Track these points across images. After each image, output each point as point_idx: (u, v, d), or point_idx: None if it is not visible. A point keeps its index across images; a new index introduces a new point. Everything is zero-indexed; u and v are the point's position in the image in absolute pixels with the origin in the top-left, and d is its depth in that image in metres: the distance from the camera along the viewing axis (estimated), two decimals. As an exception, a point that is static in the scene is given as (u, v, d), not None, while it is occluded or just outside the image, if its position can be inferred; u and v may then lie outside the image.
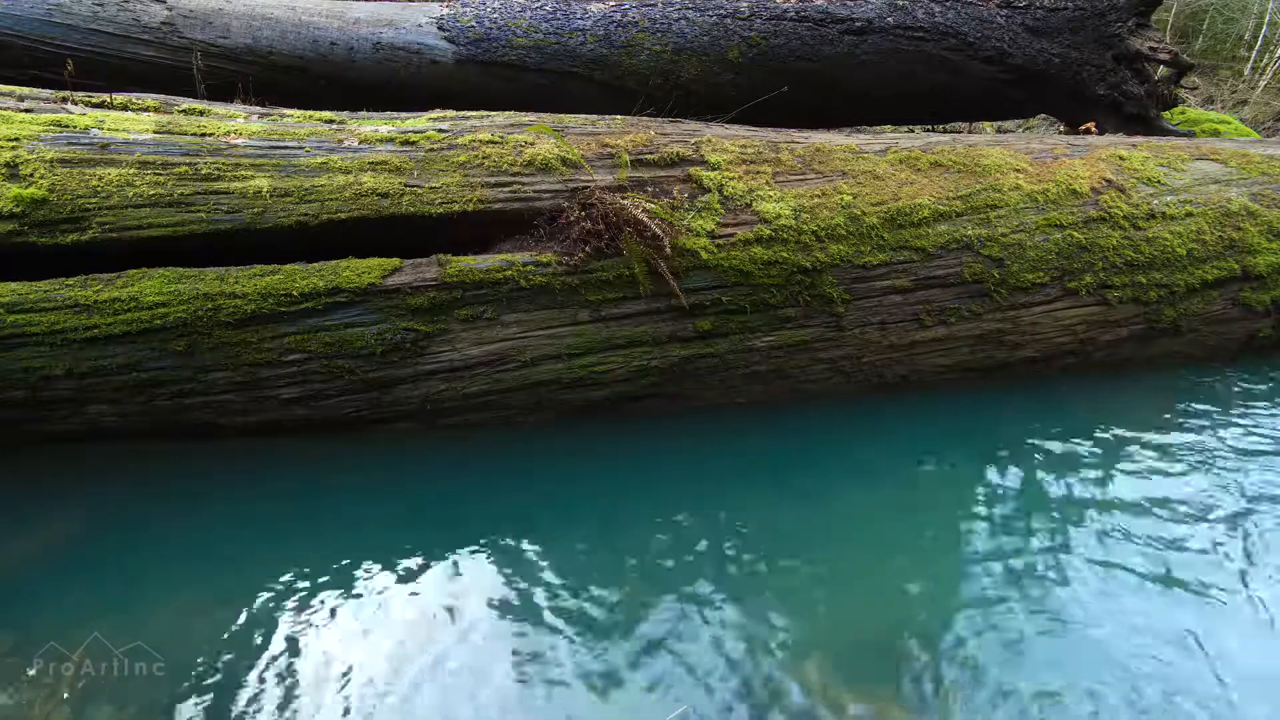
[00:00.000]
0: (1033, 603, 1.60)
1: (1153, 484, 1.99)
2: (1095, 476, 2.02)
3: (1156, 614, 1.58)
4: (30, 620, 1.52)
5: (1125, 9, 3.45)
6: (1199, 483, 2.00)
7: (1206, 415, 2.33)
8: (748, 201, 2.17)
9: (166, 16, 3.12)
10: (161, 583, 1.65)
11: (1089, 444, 2.16)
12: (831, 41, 3.38)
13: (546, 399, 2.13)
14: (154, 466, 2.01)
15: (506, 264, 2.00)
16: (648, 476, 2.05)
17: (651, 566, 1.69)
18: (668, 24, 3.37)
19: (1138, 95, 3.49)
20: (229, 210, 1.92)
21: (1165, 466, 2.07)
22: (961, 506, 1.92)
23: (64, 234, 1.83)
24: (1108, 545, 1.77)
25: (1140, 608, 1.59)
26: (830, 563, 1.72)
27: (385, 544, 1.75)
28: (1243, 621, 1.57)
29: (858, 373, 2.32)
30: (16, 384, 1.82)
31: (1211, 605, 1.60)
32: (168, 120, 2.05)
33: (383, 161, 2.05)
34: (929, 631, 1.52)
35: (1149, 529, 1.82)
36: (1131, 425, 2.27)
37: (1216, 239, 2.50)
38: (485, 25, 3.32)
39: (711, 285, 2.11)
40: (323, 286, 1.91)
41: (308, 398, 1.98)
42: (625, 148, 2.20)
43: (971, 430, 2.25)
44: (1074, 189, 2.43)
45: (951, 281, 2.28)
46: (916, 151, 2.42)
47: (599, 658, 1.45)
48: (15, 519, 1.82)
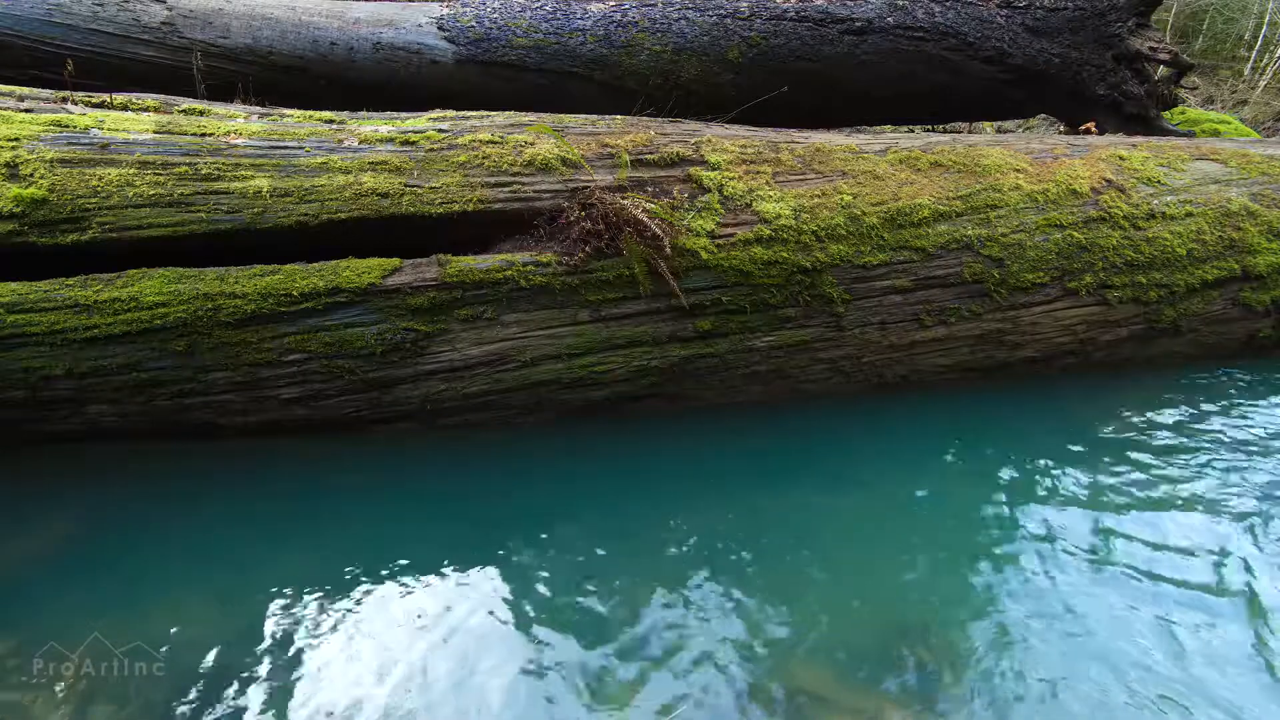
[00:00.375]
0: (1033, 602, 1.60)
1: (1153, 483, 1.99)
2: (1095, 476, 2.02)
3: (1157, 614, 1.57)
4: (30, 620, 1.52)
5: (1125, 9, 3.45)
6: (1200, 482, 2.00)
7: (1207, 415, 2.33)
8: (748, 201, 2.17)
9: (166, 16, 3.12)
10: (161, 583, 1.65)
11: (1089, 444, 2.16)
12: (831, 41, 3.38)
13: (546, 399, 2.13)
14: (154, 466, 2.01)
15: (506, 264, 2.00)
16: (648, 476, 2.05)
17: (651, 566, 1.69)
18: (668, 24, 3.37)
19: (1138, 95, 3.49)
20: (229, 210, 1.92)
21: (1166, 466, 2.07)
22: (962, 506, 1.92)
23: (64, 234, 1.83)
24: (1108, 545, 1.77)
25: (1141, 608, 1.59)
26: (830, 562, 1.72)
27: (385, 544, 1.75)
28: (1244, 621, 1.56)
29: (858, 373, 2.32)
30: (16, 384, 1.82)
31: (1212, 605, 1.60)
32: (168, 120, 2.05)
33: (383, 161, 2.05)
34: (928, 631, 1.52)
35: (1150, 528, 1.82)
36: (1131, 425, 2.27)
37: (1216, 239, 2.50)
38: (485, 25, 3.32)
39: (711, 285, 2.11)
40: (323, 286, 1.91)
41: (308, 398, 1.98)
42: (625, 148, 2.20)
43: (972, 430, 2.25)
44: (1074, 189, 2.43)
45: (951, 281, 2.28)
46: (916, 151, 2.42)
47: (598, 658, 1.45)
48: (15, 519, 1.82)
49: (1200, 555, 1.74)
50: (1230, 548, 1.77)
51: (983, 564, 1.71)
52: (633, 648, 1.47)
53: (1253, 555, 1.75)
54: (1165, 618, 1.56)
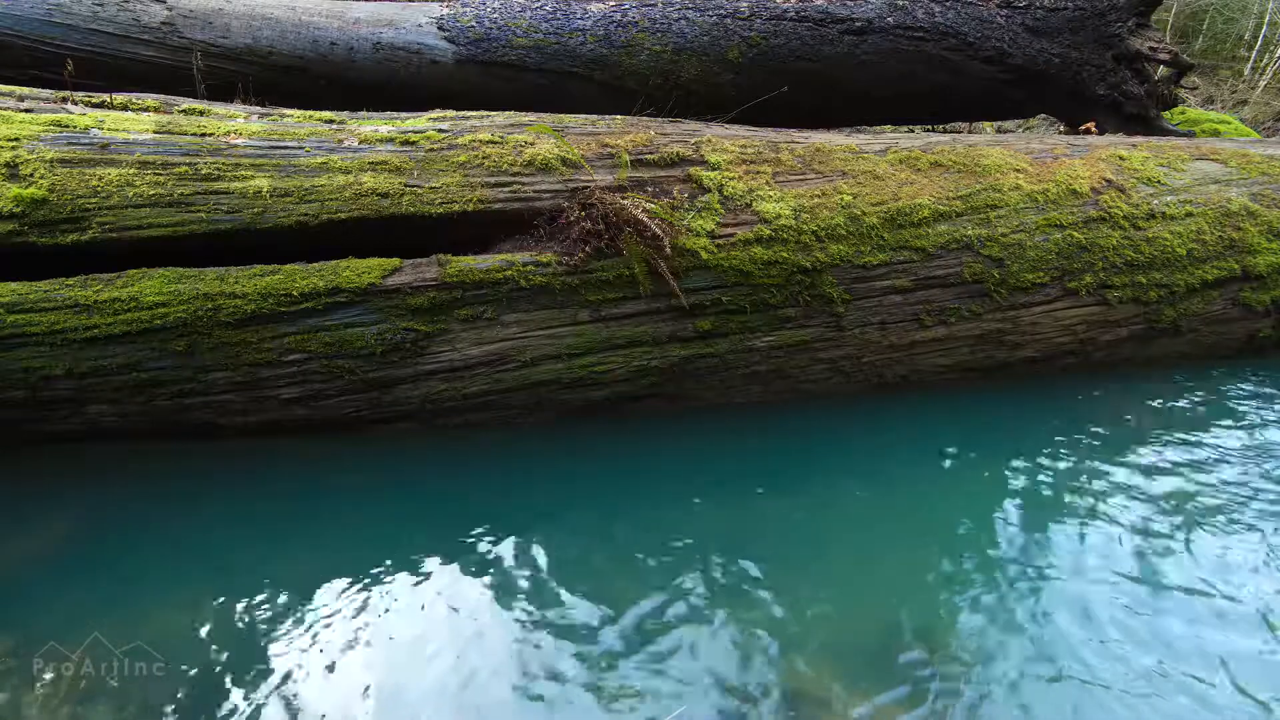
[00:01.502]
0: (1034, 602, 1.60)
1: (1154, 483, 1.99)
2: (1095, 476, 2.02)
3: (1158, 613, 1.57)
4: (30, 620, 1.52)
5: (1125, 9, 3.45)
6: (1200, 482, 2.00)
7: (1207, 415, 2.33)
8: (748, 201, 2.17)
9: (166, 16, 3.12)
10: (161, 583, 1.65)
11: (1089, 444, 2.16)
12: (831, 41, 3.38)
13: (546, 399, 2.13)
14: (154, 466, 2.01)
15: (506, 264, 2.00)
16: (648, 476, 2.05)
17: (651, 567, 1.69)
18: (668, 24, 3.37)
19: (1138, 95, 3.49)
20: (229, 210, 1.92)
21: (1166, 466, 2.07)
22: (961, 506, 1.92)
23: (64, 234, 1.83)
24: (1109, 545, 1.77)
25: (1141, 607, 1.59)
26: (830, 562, 1.72)
27: (385, 544, 1.75)
28: (1244, 620, 1.56)
29: (858, 373, 2.32)
30: (16, 384, 1.82)
31: (1213, 604, 1.60)
32: (168, 120, 2.05)
33: (383, 161, 2.05)
34: (928, 631, 1.52)
35: (1151, 528, 1.82)
36: (1132, 425, 2.27)
37: (1216, 239, 2.50)
38: (485, 25, 3.32)
39: (711, 285, 2.11)
40: (323, 286, 1.91)
41: (308, 398, 1.98)
42: (625, 148, 2.20)
43: (972, 430, 2.25)
44: (1074, 189, 2.43)
45: (951, 281, 2.28)
46: (916, 151, 2.42)
47: (597, 657, 1.45)
48: (15, 519, 1.82)
49: (1200, 555, 1.74)
50: (1231, 547, 1.77)
51: (983, 564, 1.71)
52: (632, 648, 1.47)
53: (1254, 555, 1.75)
54: (1166, 617, 1.56)
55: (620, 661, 1.44)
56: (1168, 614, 1.57)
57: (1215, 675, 1.43)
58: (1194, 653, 1.48)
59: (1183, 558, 1.73)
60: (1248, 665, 1.46)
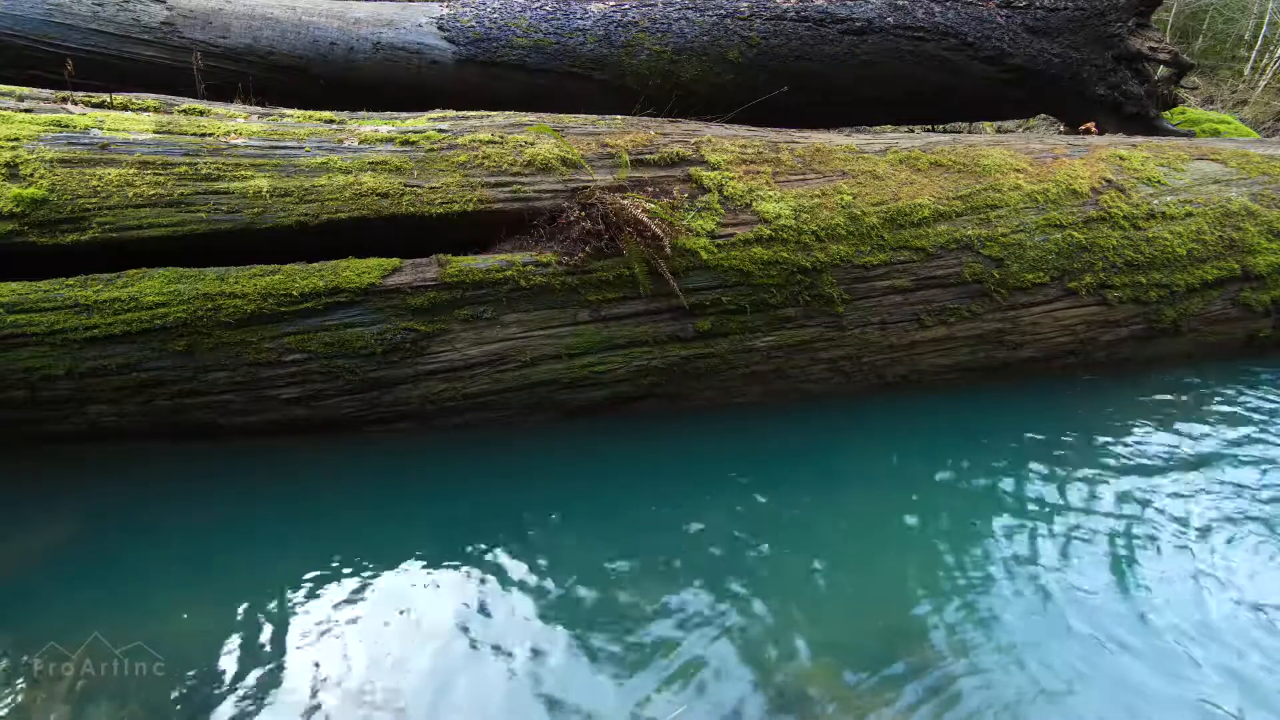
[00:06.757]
0: (1035, 602, 1.60)
1: (1154, 484, 1.99)
2: (1096, 476, 2.02)
3: (1158, 613, 1.57)
4: (30, 620, 1.52)
5: (1125, 9, 3.45)
6: (1200, 482, 2.00)
7: (1207, 415, 2.33)
8: (748, 201, 2.17)
9: (166, 16, 3.12)
10: (162, 583, 1.65)
11: (1090, 444, 2.16)
12: (831, 41, 3.38)
13: (546, 399, 2.13)
14: (154, 466, 2.01)
15: (506, 264, 2.00)
16: (648, 476, 2.05)
17: (651, 566, 1.69)
18: (668, 24, 3.37)
19: (1138, 95, 3.49)
20: (229, 210, 1.92)
21: (1166, 465, 2.07)
22: (962, 506, 1.92)
23: (64, 234, 1.83)
24: (1110, 545, 1.77)
25: (1142, 608, 1.59)
26: (830, 562, 1.72)
27: (385, 544, 1.75)
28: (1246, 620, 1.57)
29: (858, 373, 2.32)
30: (16, 384, 1.82)
31: (1215, 605, 1.60)
32: (168, 120, 2.05)
33: (383, 161, 2.05)
34: (929, 632, 1.52)
35: (1152, 529, 1.82)
36: (1132, 425, 2.27)
37: (1216, 239, 2.50)
38: (485, 25, 3.32)
39: (711, 285, 2.11)
40: (323, 286, 1.91)
41: (307, 398, 1.98)
42: (625, 148, 2.20)
43: (972, 430, 2.25)
44: (1074, 189, 2.43)
45: (951, 281, 2.28)
46: (916, 151, 2.42)
47: (598, 657, 1.45)
48: (15, 519, 1.82)
49: (1201, 555, 1.74)
50: (1231, 547, 1.77)
51: (984, 564, 1.71)
52: (632, 648, 1.47)
53: (1255, 556, 1.75)
54: (1166, 617, 1.56)
55: (620, 661, 1.44)
56: (1168, 614, 1.57)
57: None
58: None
59: (1183, 557, 1.73)
60: (1259, 674, 1.46)
